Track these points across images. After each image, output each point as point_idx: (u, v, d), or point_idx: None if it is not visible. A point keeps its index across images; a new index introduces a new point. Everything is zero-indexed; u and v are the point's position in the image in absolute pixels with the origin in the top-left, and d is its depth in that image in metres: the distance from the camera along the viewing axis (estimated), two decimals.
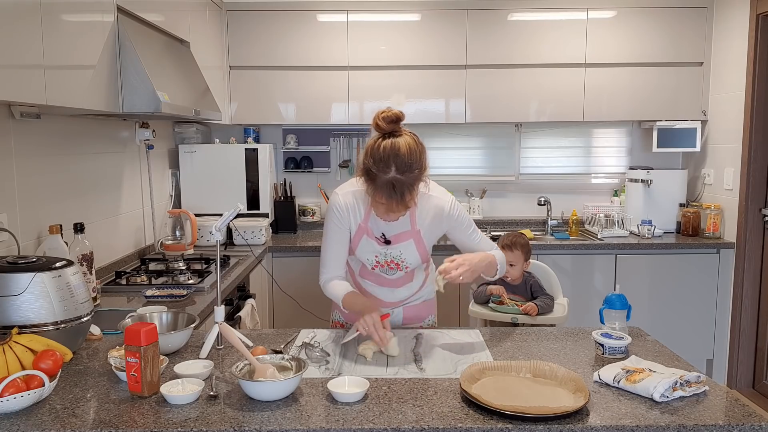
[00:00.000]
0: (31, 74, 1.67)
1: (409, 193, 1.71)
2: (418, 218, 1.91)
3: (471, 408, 1.36)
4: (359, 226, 1.93)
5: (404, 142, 1.70)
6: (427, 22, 3.82)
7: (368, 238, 1.92)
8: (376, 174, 1.69)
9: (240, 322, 2.66)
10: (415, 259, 1.95)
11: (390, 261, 1.95)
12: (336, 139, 4.20)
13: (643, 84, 3.87)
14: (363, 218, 1.92)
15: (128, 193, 3.03)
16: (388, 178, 1.68)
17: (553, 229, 4.14)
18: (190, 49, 3.06)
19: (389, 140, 1.70)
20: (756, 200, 3.60)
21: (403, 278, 2.03)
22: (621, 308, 1.81)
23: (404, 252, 1.93)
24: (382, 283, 2.04)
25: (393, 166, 1.67)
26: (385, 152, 1.68)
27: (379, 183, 1.70)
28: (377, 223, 1.92)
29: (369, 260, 1.96)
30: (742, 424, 1.30)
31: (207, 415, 1.33)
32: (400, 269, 1.97)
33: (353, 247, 1.96)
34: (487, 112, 3.89)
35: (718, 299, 3.74)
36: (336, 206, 1.92)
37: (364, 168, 1.73)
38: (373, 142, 1.72)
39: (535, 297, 2.60)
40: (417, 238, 1.92)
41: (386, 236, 1.92)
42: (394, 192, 1.69)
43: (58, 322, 1.61)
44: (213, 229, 1.65)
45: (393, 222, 1.91)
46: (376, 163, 1.69)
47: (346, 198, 1.92)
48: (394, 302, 2.08)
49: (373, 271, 2.01)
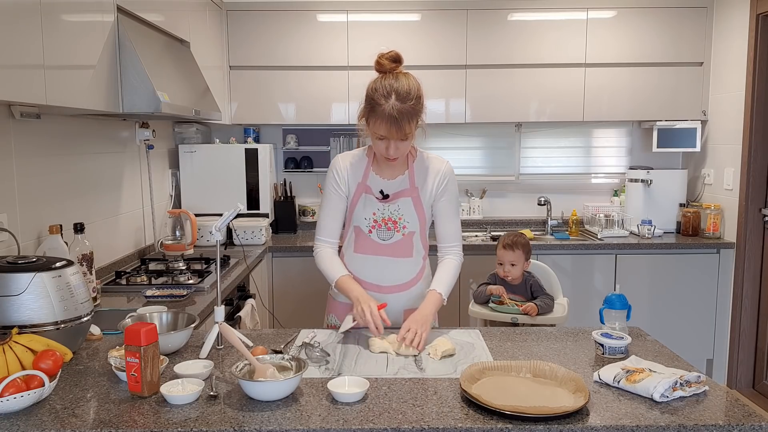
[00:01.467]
0: (31, 74, 1.67)
1: (408, 124, 1.80)
2: (417, 177, 1.98)
3: (471, 408, 1.36)
4: (358, 185, 1.98)
5: (404, 78, 1.83)
6: (427, 22, 3.82)
7: (367, 194, 1.97)
8: (376, 103, 1.79)
9: (240, 322, 2.66)
10: (412, 217, 1.97)
11: (388, 218, 1.97)
12: (336, 139, 4.20)
13: (643, 84, 3.87)
14: (362, 177, 1.99)
15: (128, 193, 3.03)
16: (389, 104, 1.77)
17: (553, 229, 4.14)
18: (190, 49, 3.06)
19: (390, 76, 1.83)
20: (756, 200, 3.60)
21: (401, 245, 1.98)
22: (621, 308, 1.81)
23: (402, 208, 1.96)
24: (379, 251, 1.98)
25: (393, 94, 1.78)
26: (387, 82, 1.81)
27: (379, 112, 1.79)
28: (376, 181, 1.98)
29: (366, 220, 1.98)
30: (742, 424, 1.30)
31: (207, 415, 1.33)
32: (398, 229, 1.97)
33: (352, 207, 2.00)
34: (487, 112, 3.89)
35: (718, 299, 3.74)
36: (336, 167, 2.01)
37: (366, 100, 1.84)
38: (376, 78, 1.85)
39: (535, 297, 2.60)
40: (415, 197, 1.96)
41: (385, 192, 1.97)
42: (395, 120, 1.77)
43: (58, 322, 1.61)
44: (213, 229, 1.65)
45: (392, 180, 1.97)
46: (378, 93, 1.80)
47: (345, 160, 2.02)
48: (394, 285, 2.00)
49: (370, 236, 1.98)
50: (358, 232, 2.01)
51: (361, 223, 1.99)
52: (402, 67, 1.87)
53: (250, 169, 3.74)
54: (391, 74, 1.83)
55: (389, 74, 1.83)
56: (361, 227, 1.99)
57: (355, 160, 2.01)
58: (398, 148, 1.86)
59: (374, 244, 2.00)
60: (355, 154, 2.03)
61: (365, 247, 2.01)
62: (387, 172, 1.99)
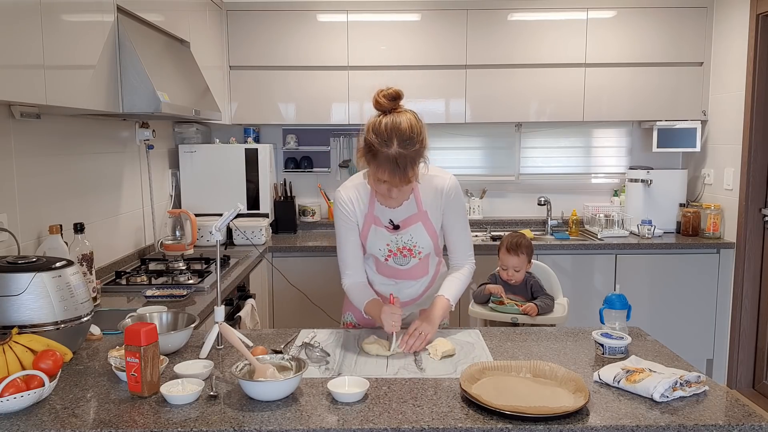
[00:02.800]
0: (31, 74, 1.67)
1: (411, 168, 1.73)
2: (423, 200, 1.93)
3: (471, 408, 1.36)
4: (366, 217, 1.94)
5: (405, 118, 1.73)
6: (427, 22, 3.82)
7: (377, 227, 1.93)
8: (378, 149, 1.71)
9: (240, 322, 2.66)
10: (426, 243, 1.95)
11: (402, 248, 1.95)
12: (336, 139, 4.20)
13: (643, 84, 3.87)
14: (368, 208, 1.94)
15: (128, 193, 3.03)
16: (390, 152, 1.69)
17: (553, 229, 4.14)
18: (190, 49, 3.06)
19: (390, 116, 1.73)
20: (756, 200, 3.60)
21: (418, 267, 2.01)
22: (621, 308, 1.81)
23: (415, 235, 1.94)
24: (398, 276, 2.02)
25: (395, 140, 1.69)
26: (387, 128, 1.70)
27: (381, 158, 1.71)
28: (383, 211, 1.93)
29: (381, 251, 1.95)
30: (742, 424, 1.30)
31: (207, 415, 1.33)
32: (414, 255, 1.97)
33: (363, 240, 1.96)
34: (487, 112, 3.89)
35: (718, 299, 3.74)
36: (340, 201, 1.95)
37: (365, 145, 1.74)
38: (375, 119, 1.75)
39: (535, 297, 2.59)
40: (425, 219, 1.94)
41: (394, 222, 1.93)
42: (397, 167, 1.70)
43: (58, 322, 1.61)
44: (213, 229, 1.65)
45: (399, 208, 1.93)
46: (379, 139, 1.70)
47: (348, 192, 1.95)
48: (413, 299, 2.07)
49: (387, 264, 1.99)
50: (376, 260, 2.02)
51: (376, 253, 1.98)
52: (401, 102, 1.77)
53: (250, 169, 3.74)
54: (390, 114, 1.74)
55: (389, 114, 1.74)
56: (377, 257, 1.99)
57: (357, 190, 1.95)
58: (401, 191, 1.81)
59: (392, 269, 2.02)
60: (356, 184, 1.96)
61: (384, 271, 2.04)
62: (392, 202, 1.92)
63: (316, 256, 3.65)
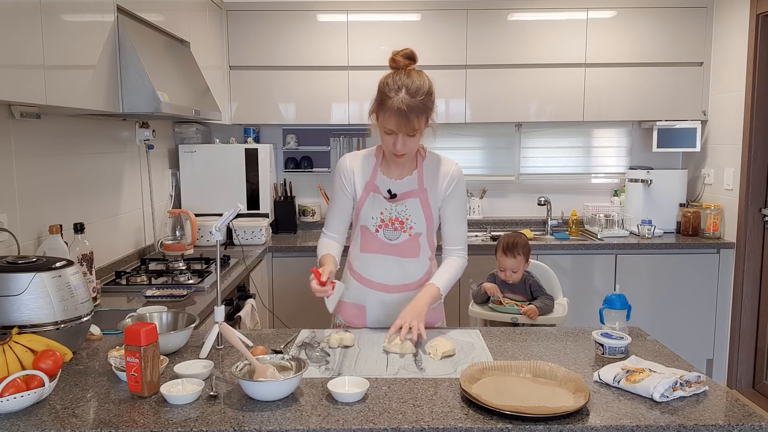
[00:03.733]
0: (31, 74, 1.67)
1: (416, 119, 1.80)
2: (426, 178, 1.98)
3: (471, 408, 1.36)
4: (366, 184, 1.99)
5: (416, 74, 1.86)
6: (427, 22, 3.82)
7: (375, 194, 1.98)
8: (387, 96, 1.80)
9: (240, 322, 2.66)
10: (419, 219, 1.96)
11: (395, 218, 1.97)
12: (336, 139, 4.20)
13: (643, 84, 3.87)
14: (370, 177, 1.99)
15: (128, 193, 3.03)
16: (398, 98, 1.79)
17: (553, 229, 4.14)
18: (190, 49, 3.06)
19: (403, 72, 1.86)
20: (756, 200, 3.60)
21: (407, 245, 1.98)
22: (621, 308, 1.81)
23: (410, 208, 1.96)
24: (386, 250, 1.99)
25: (403, 89, 1.80)
26: (399, 78, 1.83)
27: (388, 106, 1.80)
28: (384, 181, 1.99)
29: (374, 219, 1.97)
30: (742, 424, 1.30)
31: (207, 415, 1.33)
32: (404, 230, 1.97)
33: (359, 206, 2.00)
34: (487, 112, 3.89)
35: (718, 299, 3.74)
36: (341, 168, 2.02)
37: (377, 94, 1.85)
38: (388, 74, 1.87)
39: (534, 297, 2.59)
40: (423, 198, 1.96)
41: (392, 191, 1.97)
42: (404, 114, 1.78)
43: (58, 322, 1.61)
44: (213, 229, 1.65)
45: (399, 181, 1.98)
46: (388, 87, 1.82)
47: (353, 159, 2.03)
48: (401, 284, 2.01)
49: (376, 236, 1.98)
50: (365, 231, 2.01)
51: (368, 222, 1.99)
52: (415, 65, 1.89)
53: (250, 169, 3.74)
54: (403, 71, 1.86)
55: (402, 71, 1.86)
56: (368, 226, 1.99)
57: (363, 159, 2.02)
58: (405, 144, 1.85)
59: (381, 243, 2.00)
60: (363, 153, 2.04)
61: (372, 246, 2.01)
62: (395, 172, 1.98)
63: (316, 256, 3.64)
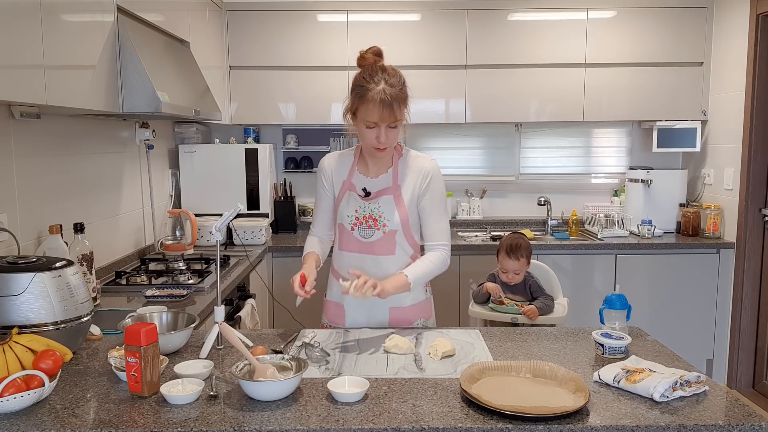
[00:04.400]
0: (31, 74, 1.67)
1: (398, 107, 1.82)
2: (400, 175, 2.00)
3: (471, 408, 1.36)
4: (343, 183, 2.02)
5: (388, 66, 1.89)
6: (427, 22, 3.82)
7: (350, 192, 2.00)
8: (365, 88, 1.82)
9: (240, 322, 2.66)
10: (392, 216, 1.96)
11: (368, 216, 1.98)
12: (336, 139, 4.20)
13: (643, 84, 3.87)
14: (347, 175, 2.02)
15: (128, 193, 3.03)
16: (378, 89, 1.80)
17: (553, 229, 4.14)
18: (190, 49, 3.06)
19: (374, 66, 1.88)
20: (756, 200, 3.60)
21: (382, 242, 1.97)
22: (621, 308, 1.81)
23: (383, 206, 1.97)
24: (362, 249, 2.00)
25: (381, 78, 1.83)
26: (374, 68, 1.86)
27: (368, 97, 1.81)
28: (360, 180, 2.01)
29: (349, 217, 2.00)
30: (742, 424, 1.30)
31: (207, 415, 1.33)
32: (378, 227, 1.97)
33: (336, 204, 2.04)
34: (487, 112, 3.89)
35: (718, 299, 3.74)
36: (322, 167, 2.07)
37: (353, 90, 1.87)
38: (360, 70, 1.90)
39: (534, 297, 2.59)
40: (397, 194, 1.97)
41: (367, 189, 1.99)
42: (385, 104, 1.80)
43: (58, 322, 1.61)
44: (213, 229, 1.65)
45: (375, 179, 2.00)
46: (365, 78, 1.84)
47: (332, 158, 2.07)
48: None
49: (352, 234, 1.99)
50: (342, 230, 2.03)
51: (344, 221, 2.01)
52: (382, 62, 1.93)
53: (250, 169, 3.74)
54: (375, 66, 1.89)
55: (373, 66, 1.89)
56: (345, 224, 2.02)
57: (341, 158, 2.06)
58: (388, 136, 1.87)
59: (356, 241, 2.00)
60: (342, 153, 2.08)
61: (349, 245, 2.03)
62: (372, 170, 2.01)
63: None
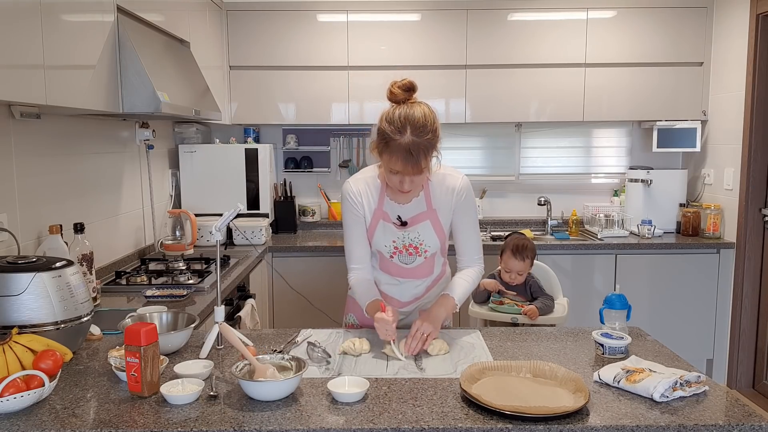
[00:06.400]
0: (31, 74, 1.67)
1: (424, 158, 1.73)
2: (432, 198, 1.92)
3: (471, 408, 1.36)
4: (374, 212, 1.93)
5: (419, 109, 1.75)
6: (427, 22, 3.82)
7: (385, 222, 1.92)
8: (391, 138, 1.72)
9: (240, 322, 2.66)
10: (433, 241, 1.93)
11: (408, 245, 1.93)
12: (336, 139, 4.20)
13: (643, 84, 3.87)
14: (377, 203, 1.93)
15: (128, 193, 3.03)
16: (403, 140, 1.70)
17: (553, 229, 4.14)
18: (190, 49, 3.06)
19: (404, 107, 1.75)
20: (756, 200, 3.60)
21: (423, 266, 1.99)
22: (621, 308, 1.81)
23: (422, 233, 1.92)
24: (402, 275, 1.99)
25: (408, 128, 1.71)
26: (401, 117, 1.72)
27: (394, 147, 1.72)
28: (392, 207, 1.93)
29: (387, 247, 1.94)
30: (742, 424, 1.30)
31: (207, 415, 1.33)
32: (419, 254, 1.95)
33: (370, 233, 1.95)
34: (487, 112, 3.89)
35: (718, 299, 3.74)
36: (348, 193, 1.94)
37: (379, 134, 1.76)
38: (389, 110, 1.77)
39: (534, 297, 2.59)
40: (434, 218, 1.92)
41: (402, 218, 1.92)
42: (410, 155, 1.70)
43: (58, 322, 1.61)
44: (213, 229, 1.65)
45: (408, 204, 1.92)
46: (392, 127, 1.72)
47: (358, 184, 1.95)
48: (415, 297, 2.04)
49: (392, 261, 1.97)
50: (381, 256, 2.00)
51: (381, 249, 1.96)
52: (415, 95, 1.80)
53: (250, 169, 3.74)
54: (404, 104, 1.76)
55: (403, 104, 1.76)
56: (383, 252, 1.97)
57: (367, 184, 1.94)
58: (413, 182, 1.79)
59: (396, 267, 1.99)
60: (366, 177, 1.96)
61: (388, 269, 2.01)
62: (403, 196, 1.92)
63: (316, 257, 3.65)
